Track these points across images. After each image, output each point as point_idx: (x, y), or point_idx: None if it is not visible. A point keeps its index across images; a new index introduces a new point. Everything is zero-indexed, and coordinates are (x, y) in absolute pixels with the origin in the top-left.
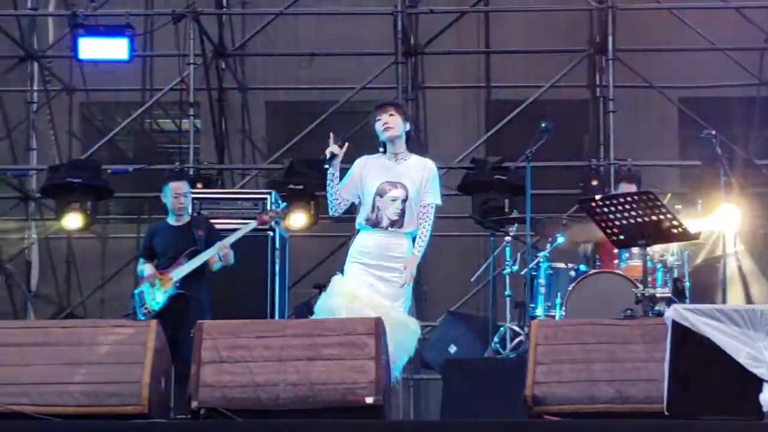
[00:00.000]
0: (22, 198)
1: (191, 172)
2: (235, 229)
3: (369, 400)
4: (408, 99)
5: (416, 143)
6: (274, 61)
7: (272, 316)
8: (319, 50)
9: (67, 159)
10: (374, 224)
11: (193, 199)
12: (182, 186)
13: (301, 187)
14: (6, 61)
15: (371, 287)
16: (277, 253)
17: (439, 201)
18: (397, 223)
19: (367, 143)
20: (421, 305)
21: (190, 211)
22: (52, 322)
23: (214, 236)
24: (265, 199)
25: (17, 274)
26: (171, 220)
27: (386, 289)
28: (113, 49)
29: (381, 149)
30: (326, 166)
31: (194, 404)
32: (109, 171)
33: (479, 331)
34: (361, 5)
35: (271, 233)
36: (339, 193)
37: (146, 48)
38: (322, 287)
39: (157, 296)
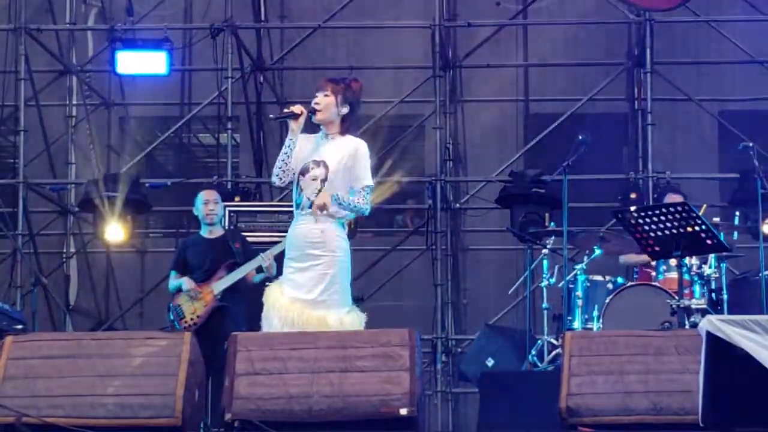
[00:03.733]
0: (61, 212)
1: (229, 186)
2: (274, 242)
3: (403, 411)
4: (446, 113)
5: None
6: (312, 75)
7: None
8: (356, 64)
9: (106, 173)
10: (299, 206)
11: (231, 212)
12: (212, 193)
13: None
14: (45, 75)
15: (293, 284)
16: None
17: (371, 182)
18: (311, 204)
19: (409, 156)
20: (459, 318)
21: (223, 223)
22: (84, 334)
23: (249, 249)
24: None
25: (54, 289)
26: (204, 233)
27: (305, 279)
28: (152, 63)
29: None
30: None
31: (228, 416)
32: (147, 185)
33: (517, 344)
34: (399, 19)
35: None
36: (290, 164)
37: (184, 62)
38: (359, 300)
39: (197, 309)
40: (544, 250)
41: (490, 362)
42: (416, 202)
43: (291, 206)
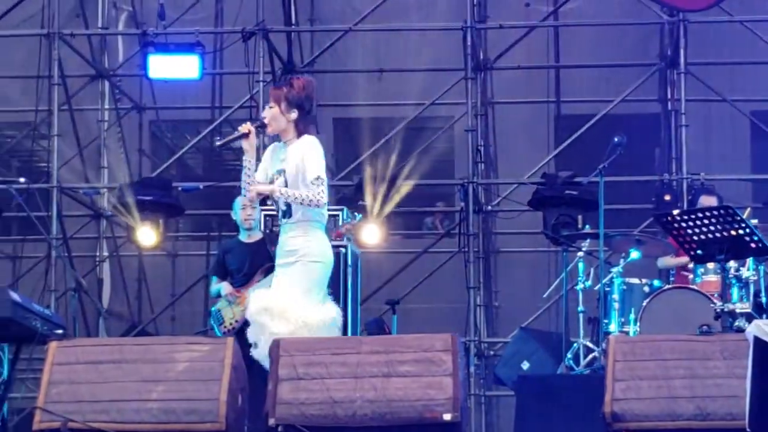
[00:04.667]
0: (94, 216)
1: None
2: None
3: (447, 416)
4: (477, 115)
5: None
6: (343, 78)
7: (345, 333)
8: (387, 66)
9: (138, 177)
10: (277, 218)
11: (266, 216)
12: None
13: (369, 203)
14: (77, 80)
15: (280, 288)
16: (350, 269)
17: (319, 173)
18: (286, 214)
19: (438, 158)
20: (491, 321)
21: (260, 226)
22: (128, 339)
23: None
24: (337, 215)
25: (87, 292)
26: (243, 237)
27: (291, 286)
28: (184, 67)
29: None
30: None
31: (272, 421)
32: (179, 188)
33: (552, 348)
34: (430, 20)
35: (343, 250)
36: (253, 183)
37: (215, 66)
38: (394, 303)
39: (236, 314)
40: (580, 253)
41: (525, 365)
42: (446, 205)
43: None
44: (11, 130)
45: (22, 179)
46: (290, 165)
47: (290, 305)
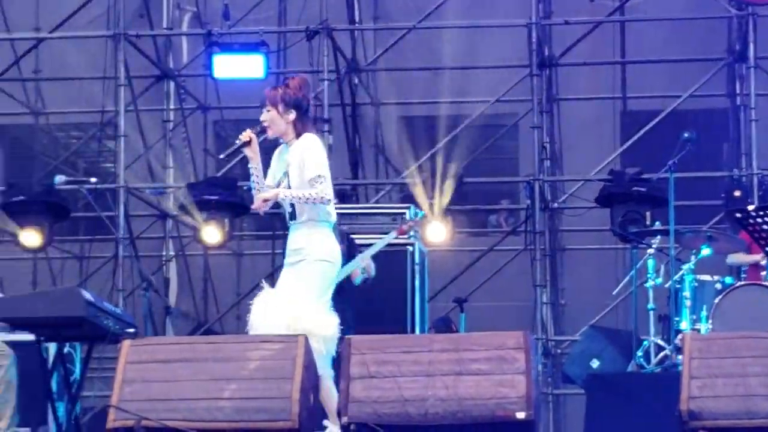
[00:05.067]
0: (160, 215)
1: None
2: (373, 244)
3: (520, 415)
4: (543, 111)
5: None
6: (407, 76)
7: (412, 331)
8: (451, 64)
9: (203, 176)
10: (288, 219)
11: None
12: None
13: (435, 201)
14: (143, 80)
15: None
16: (417, 267)
17: (318, 171)
18: (292, 215)
19: (503, 156)
20: (558, 319)
21: None
22: (200, 338)
23: (353, 250)
24: (404, 213)
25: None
26: None
27: (298, 287)
28: (248, 66)
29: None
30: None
31: (344, 419)
32: (244, 188)
33: (622, 345)
34: (494, 17)
35: (410, 248)
36: (263, 189)
37: (279, 65)
38: (461, 301)
39: None
40: (650, 250)
41: (595, 364)
42: (510, 202)
43: (390, 207)
44: (77, 131)
45: (93, 179)
46: (293, 166)
47: (291, 304)
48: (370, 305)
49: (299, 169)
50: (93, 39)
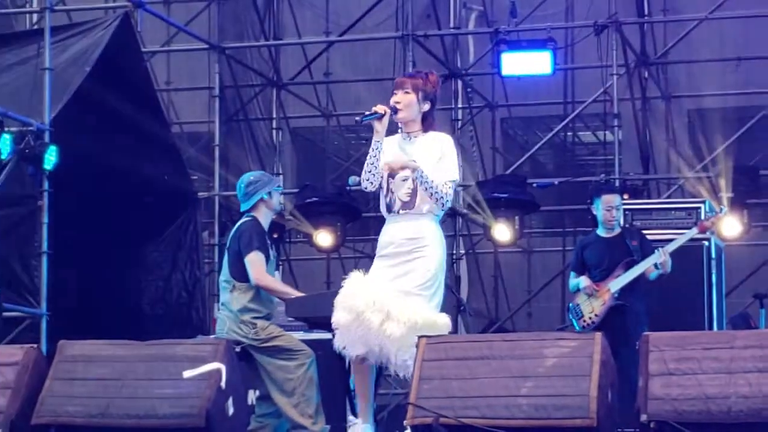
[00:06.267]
0: (450, 214)
1: (617, 184)
2: (668, 240)
3: None
4: None
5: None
6: (698, 68)
7: (710, 327)
8: (745, 54)
9: (492, 174)
10: (389, 209)
11: (625, 210)
12: (614, 199)
13: (730, 195)
14: None
15: (394, 282)
16: (713, 262)
17: (456, 176)
18: (408, 204)
19: None
20: None
21: (621, 223)
22: (496, 335)
23: (647, 246)
24: (699, 208)
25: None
26: (601, 232)
27: (409, 282)
28: (536, 63)
29: (400, 127)
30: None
31: (643, 417)
32: (534, 185)
33: None
34: None
35: (706, 243)
36: (379, 166)
37: (567, 60)
38: (762, 297)
39: (595, 308)
40: None
41: None
42: None
43: (685, 202)
44: (366, 132)
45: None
46: (422, 159)
47: (405, 304)
48: (665, 302)
49: (431, 164)
50: (381, 40)
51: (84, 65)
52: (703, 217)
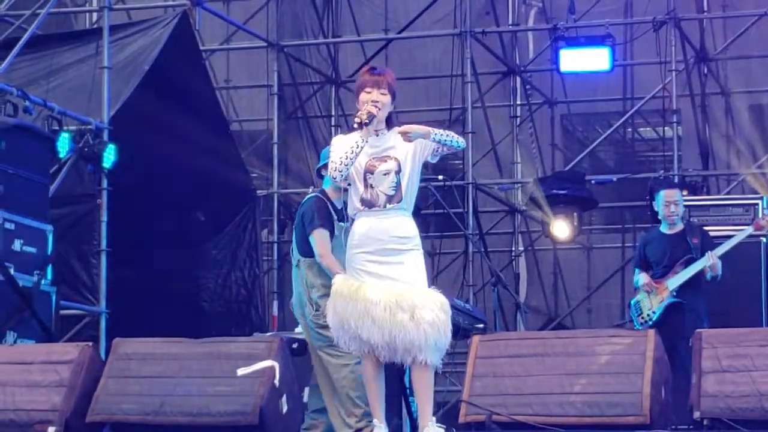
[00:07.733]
0: (509, 211)
1: (676, 180)
2: (727, 236)
3: None
4: None
5: None
6: (758, 63)
7: (761, 325)
8: None
9: (550, 171)
10: (369, 205)
11: (687, 206)
12: (674, 194)
13: None
14: (490, 77)
15: (382, 279)
16: None
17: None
18: (394, 198)
19: None
20: None
21: (683, 219)
22: (550, 333)
23: (708, 244)
24: (756, 204)
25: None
26: (664, 229)
27: (399, 273)
28: (594, 59)
29: (355, 125)
30: (356, 125)
31: (696, 414)
32: (593, 181)
33: None
34: None
35: (763, 239)
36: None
37: (626, 57)
38: None
39: (653, 305)
40: None
41: None
42: None
43: (743, 198)
44: None
45: (440, 177)
46: (399, 152)
47: (414, 294)
48: (722, 299)
49: (413, 156)
50: (440, 38)
51: (142, 64)
52: (759, 214)
